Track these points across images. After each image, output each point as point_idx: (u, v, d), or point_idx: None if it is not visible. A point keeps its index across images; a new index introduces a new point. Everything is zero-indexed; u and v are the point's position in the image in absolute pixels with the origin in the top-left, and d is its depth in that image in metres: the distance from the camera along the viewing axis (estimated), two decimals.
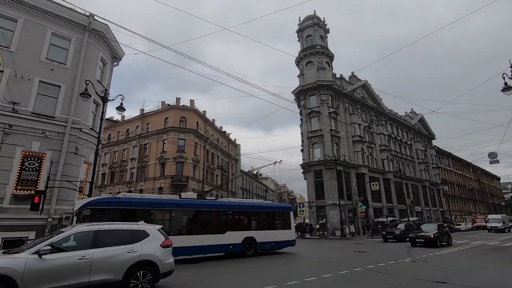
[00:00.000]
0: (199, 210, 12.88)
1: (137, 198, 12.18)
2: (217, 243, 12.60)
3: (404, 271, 9.17)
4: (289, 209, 16.97)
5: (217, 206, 13.71)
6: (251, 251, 13.71)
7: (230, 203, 14.82)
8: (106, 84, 18.95)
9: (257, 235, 14.16)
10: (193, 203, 13.01)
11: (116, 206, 10.61)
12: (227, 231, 13.13)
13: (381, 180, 41.80)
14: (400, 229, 22.58)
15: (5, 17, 15.14)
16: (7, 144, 13.90)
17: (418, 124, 59.63)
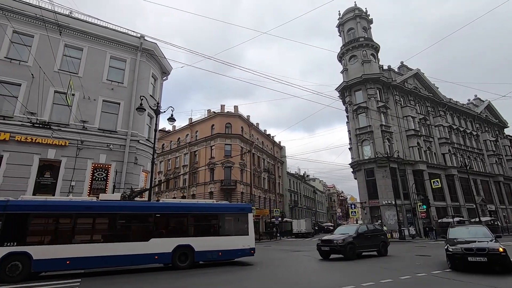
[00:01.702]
0: (115, 214, 10.65)
1: (33, 201, 10.13)
2: (137, 252, 10.31)
3: (474, 278, 8.16)
4: (246, 210, 13.41)
5: (140, 208, 11.41)
6: (186, 263, 11.06)
7: (158, 204, 12.34)
8: (157, 98, 20.52)
9: (196, 242, 11.44)
10: (107, 205, 10.82)
11: (2, 211, 8.93)
12: (152, 238, 10.77)
13: (443, 176, 37.95)
14: (344, 238, 13.07)
15: (73, 47, 17.38)
16: (80, 158, 15.87)
17: (485, 112, 52.88)
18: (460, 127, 46.22)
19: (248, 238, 12.77)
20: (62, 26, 16.16)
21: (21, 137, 14.66)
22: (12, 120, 14.78)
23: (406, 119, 37.45)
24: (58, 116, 16.05)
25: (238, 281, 8.69)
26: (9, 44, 15.63)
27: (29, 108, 14.98)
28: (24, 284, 8.28)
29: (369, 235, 14.31)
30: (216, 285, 8.16)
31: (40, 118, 15.24)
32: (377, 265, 11.07)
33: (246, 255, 12.61)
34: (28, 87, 15.40)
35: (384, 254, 14.32)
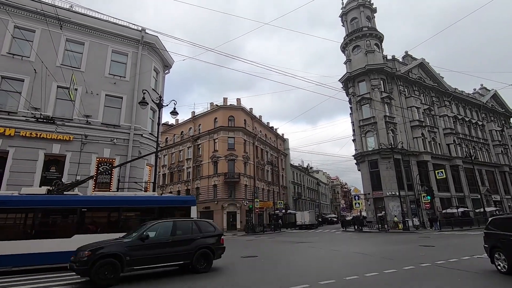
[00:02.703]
0: (33, 209, 9.81)
1: None
2: (58, 250, 9.32)
3: (481, 267, 8.17)
4: (189, 203, 12.32)
5: (62, 202, 10.41)
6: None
7: (84, 198, 11.24)
8: (160, 92, 20.48)
9: None
10: (24, 199, 9.97)
11: None
12: (76, 235, 9.82)
13: (447, 167, 37.72)
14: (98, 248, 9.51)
15: (75, 42, 17.32)
16: (84, 153, 15.98)
17: (491, 101, 52.11)
18: (465, 117, 45.68)
19: None
20: (62, 20, 16.07)
21: (26, 132, 14.78)
22: (16, 116, 14.88)
23: (411, 110, 37.06)
24: (61, 111, 16.13)
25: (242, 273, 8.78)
26: (11, 39, 15.62)
27: (32, 104, 15.06)
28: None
29: (170, 241, 8.48)
30: (217, 276, 8.26)
31: (44, 113, 15.31)
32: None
33: None
34: (31, 83, 15.45)
35: (200, 270, 8.59)
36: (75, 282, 7.61)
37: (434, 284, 6.49)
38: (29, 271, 8.98)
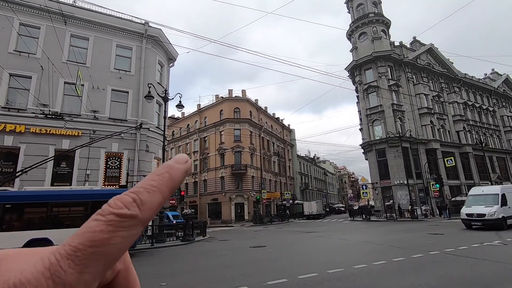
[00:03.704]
0: None
1: None
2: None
3: (491, 255, 8.13)
4: None
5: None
6: None
7: (7, 193, 10.85)
8: (165, 85, 20.52)
9: (57, 235, 9.80)
10: None
11: None
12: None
13: (457, 154, 37.13)
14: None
15: (79, 37, 17.38)
16: (93, 147, 16.22)
17: (502, 86, 50.68)
18: (475, 103, 44.63)
19: None
20: (66, 16, 16.11)
21: (35, 128, 15.06)
22: (25, 113, 15.14)
23: (419, 97, 36.36)
24: (69, 107, 16.34)
25: (248, 263, 8.93)
26: (17, 37, 15.76)
27: (41, 100, 15.27)
28: None
29: None
30: (228, 266, 8.41)
31: (52, 109, 15.54)
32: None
33: None
34: (38, 79, 15.64)
35: None
36: None
37: (443, 272, 6.49)
38: None
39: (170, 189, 0.31)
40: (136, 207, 0.28)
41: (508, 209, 15.06)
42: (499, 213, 14.49)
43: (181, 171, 0.32)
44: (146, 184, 0.30)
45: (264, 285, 5.92)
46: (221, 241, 15.45)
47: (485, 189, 17.13)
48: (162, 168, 0.31)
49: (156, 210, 0.29)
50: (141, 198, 0.28)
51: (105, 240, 0.25)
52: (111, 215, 0.27)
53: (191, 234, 15.82)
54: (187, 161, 0.34)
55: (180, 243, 14.61)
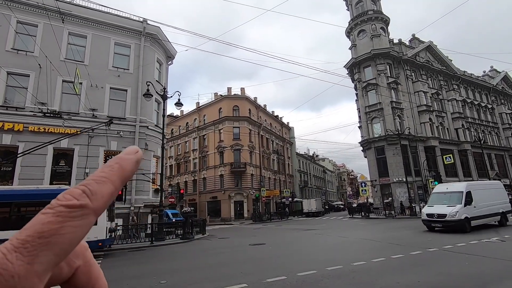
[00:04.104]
0: None
1: None
2: None
3: (489, 251, 8.17)
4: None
5: None
6: None
7: None
8: (164, 83, 20.46)
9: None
10: None
11: None
12: None
13: (455, 152, 37.20)
14: None
15: (77, 35, 17.29)
16: (92, 146, 16.19)
17: (501, 84, 50.73)
18: (474, 101, 44.68)
19: (96, 229, 10.28)
20: (64, 14, 16.01)
21: (34, 127, 15.01)
22: (24, 111, 15.08)
23: (418, 95, 36.37)
24: (67, 105, 16.28)
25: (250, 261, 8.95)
26: (15, 35, 15.66)
27: (39, 99, 15.21)
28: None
29: None
30: (227, 264, 8.43)
31: (51, 107, 15.48)
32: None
33: (92, 248, 8.97)
34: (36, 78, 15.57)
35: None
36: None
37: (442, 268, 6.52)
38: None
39: (121, 179, 0.31)
40: (86, 197, 0.27)
41: (473, 208, 13.37)
42: (462, 213, 12.84)
43: (131, 161, 0.32)
44: (96, 176, 0.30)
45: (264, 282, 5.94)
46: (221, 239, 15.47)
47: (450, 186, 15.26)
48: (112, 160, 0.32)
49: (108, 199, 0.29)
50: (91, 189, 0.28)
51: (55, 230, 0.25)
52: (60, 207, 0.26)
53: (191, 232, 15.84)
54: (137, 151, 0.34)
55: (179, 241, 14.62)
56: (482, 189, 14.67)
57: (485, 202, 13.97)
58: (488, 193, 14.64)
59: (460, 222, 12.70)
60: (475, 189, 14.11)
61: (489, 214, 14.06)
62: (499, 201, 14.85)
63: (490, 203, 14.23)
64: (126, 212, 16.19)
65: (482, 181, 20.69)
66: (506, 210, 15.06)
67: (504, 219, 14.70)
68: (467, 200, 13.24)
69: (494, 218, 14.43)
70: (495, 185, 16.42)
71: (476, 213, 13.37)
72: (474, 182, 17.72)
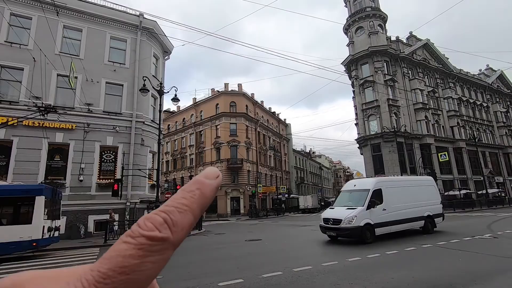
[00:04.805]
0: None
1: None
2: None
3: (482, 247, 8.29)
4: (33, 192, 10.40)
5: None
6: None
7: None
8: (160, 78, 20.30)
9: None
10: None
11: None
12: None
13: (450, 149, 37.55)
14: None
15: (72, 28, 17.05)
16: (88, 141, 16.07)
17: (496, 82, 51.13)
18: (470, 99, 45.01)
19: (31, 228, 9.84)
20: (58, 7, 15.75)
21: (28, 121, 14.83)
22: (18, 105, 14.88)
23: (414, 92, 36.54)
24: (63, 100, 16.10)
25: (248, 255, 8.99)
26: (8, 27, 15.39)
27: (33, 93, 15.01)
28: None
29: None
30: (223, 260, 8.46)
31: (45, 102, 15.29)
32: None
33: (24, 249, 9.87)
34: (30, 71, 15.35)
35: None
36: None
37: (435, 264, 6.61)
38: None
39: (201, 208, 0.29)
40: (168, 229, 0.26)
41: (382, 212, 10.57)
42: (362, 218, 10.06)
43: (212, 188, 0.30)
44: (177, 202, 0.28)
45: (260, 278, 5.98)
46: (217, 235, 15.52)
47: (358, 182, 12.22)
48: (192, 184, 0.29)
49: (188, 231, 0.28)
50: (173, 219, 0.27)
51: (135, 266, 0.24)
52: (141, 237, 0.25)
53: None
54: (218, 176, 0.31)
55: None
56: (398, 187, 11.62)
57: (402, 203, 11.18)
58: (409, 192, 11.68)
59: (357, 230, 9.88)
60: (388, 187, 11.26)
61: (407, 218, 11.26)
62: (425, 201, 12.02)
63: (410, 204, 11.45)
64: (122, 208, 16.14)
65: (401, 177, 17.45)
66: (435, 213, 12.20)
67: (429, 224, 11.94)
68: (372, 201, 10.47)
69: (415, 224, 11.70)
70: (421, 182, 13.26)
71: (385, 218, 10.63)
72: (389, 177, 14.55)
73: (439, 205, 12.75)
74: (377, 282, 5.45)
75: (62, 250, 11.47)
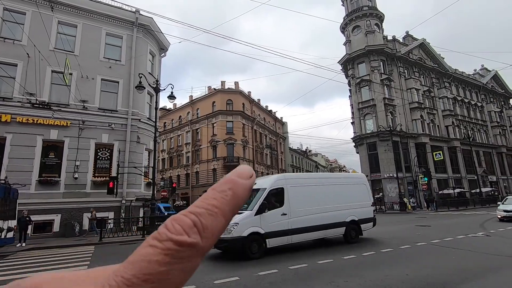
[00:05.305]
0: None
1: None
2: None
3: (475, 246, 8.40)
4: None
5: None
6: None
7: None
8: (156, 75, 20.17)
9: None
10: None
11: None
12: None
13: (445, 149, 37.92)
14: None
15: (67, 24, 16.84)
16: (83, 138, 15.94)
17: (491, 82, 51.65)
18: (464, 99, 45.42)
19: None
20: (53, 2, 15.56)
21: (22, 118, 14.65)
22: (11, 102, 14.69)
23: (410, 92, 36.76)
24: (57, 96, 15.92)
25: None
26: (1, 22, 15.15)
27: (27, 89, 14.82)
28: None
29: None
30: (218, 257, 8.45)
31: (40, 98, 15.12)
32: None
33: None
34: (24, 67, 15.15)
35: None
36: None
37: (429, 262, 6.69)
38: None
39: (233, 211, 0.26)
40: (197, 234, 0.23)
41: (280, 217, 8.36)
42: (247, 226, 7.83)
43: (245, 188, 0.27)
44: (207, 203, 0.25)
45: (255, 275, 5.99)
46: None
47: (260, 181, 9.62)
48: (224, 184, 0.27)
49: (218, 237, 0.25)
50: (203, 223, 0.24)
51: (161, 274, 0.22)
52: (169, 241, 0.23)
53: None
54: (252, 175, 0.29)
55: None
56: (309, 186, 9.36)
57: (313, 205, 9.02)
58: (325, 192, 9.44)
59: (237, 241, 7.64)
60: (294, 185, 8.99)
61: (320, 225, 9.05)
62: (349, 204, 9.88)
63: (326, 207, 9.27)
64: (117, 206, 16.05)
65: (315, 173, 13.75)
66: (362, 218, 10.12)
67: (353, 231, 9.86)
68: (264, 204, 8.16)
69: (333, 231, 9.45)
70: (346, 180, 10.84)
71: (284, 225, 8.40)
72: (297, 174, 10.88)
73: (370, 208, 10.65)
74: (372, 280, 5.49)
75: (56, 248, 11.39)
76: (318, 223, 9.06)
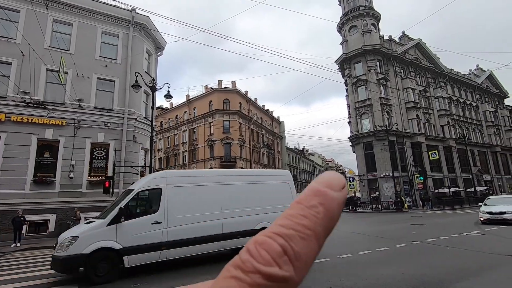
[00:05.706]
0: None
1: None
2: None
3: (470, 244, 8.48)
4: None
5: None
6: None
7: None
8: (153, 74, 20.07)
9: None
10: None
11: None
12: None
13: (441, 148, 38.23)
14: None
15: (62, 23, 16.69)
16: (78, 137, 15.82)
17: (486, 82, 52.13)
18: (460, 98, 45.80)
19: None
20: None
21: (16, 117, 14.50)
22: (6, 100, 14.52)
23: (406, 91, 36.98)
24: (52, 95, 15.77)
25: None
26: None
27: (22, 88, 14.67)
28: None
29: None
30: (215, 257, 8.45)
31: (34, 97, 14.97)
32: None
33: None
34: (19, 66, 14.98)
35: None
36: None
37: (425, 260, 6.74)
38: None
39: (327, 232, 0.20)
40: (289, 264, 0.18)
41: (150, 227, 6.74)
42: (93, 240, 6.28)
43: (339, 203, 0.21)
44: (297, 223, 0.19)
45: None
46: None
47: (138, 181, 8.67)
48: (312, 197, 0.21)
49: (311, 266, 0.20)
50: (295, 249, 0.19)
51: None
52: (256, 274, 0.18)
53: None
54: (344, 186, 0.23)
55: None
56: (202, 185, 7.66)
57: (207, 211, 7.40)
58: (225, 193, 7.78)
59: (71, 260, 6.06)
60: (178, 185, 7.30)
61: (214, 236, 7.40)
62: (261, 207, 8.09)
63: (226, 212, 7.66)
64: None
65: (212, 170, 12.06)
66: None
67: None
68: (121, 211, 6.56)
69: (232, 243, 7.69)
70: (259, 178, 8.83)
71: (155, 237, 6.76)
72: (184, 171, 10.30)
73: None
74: (368, 278, 5.52)
75: (51, 249, 11.29)
76: (211, 233, 7.30)
